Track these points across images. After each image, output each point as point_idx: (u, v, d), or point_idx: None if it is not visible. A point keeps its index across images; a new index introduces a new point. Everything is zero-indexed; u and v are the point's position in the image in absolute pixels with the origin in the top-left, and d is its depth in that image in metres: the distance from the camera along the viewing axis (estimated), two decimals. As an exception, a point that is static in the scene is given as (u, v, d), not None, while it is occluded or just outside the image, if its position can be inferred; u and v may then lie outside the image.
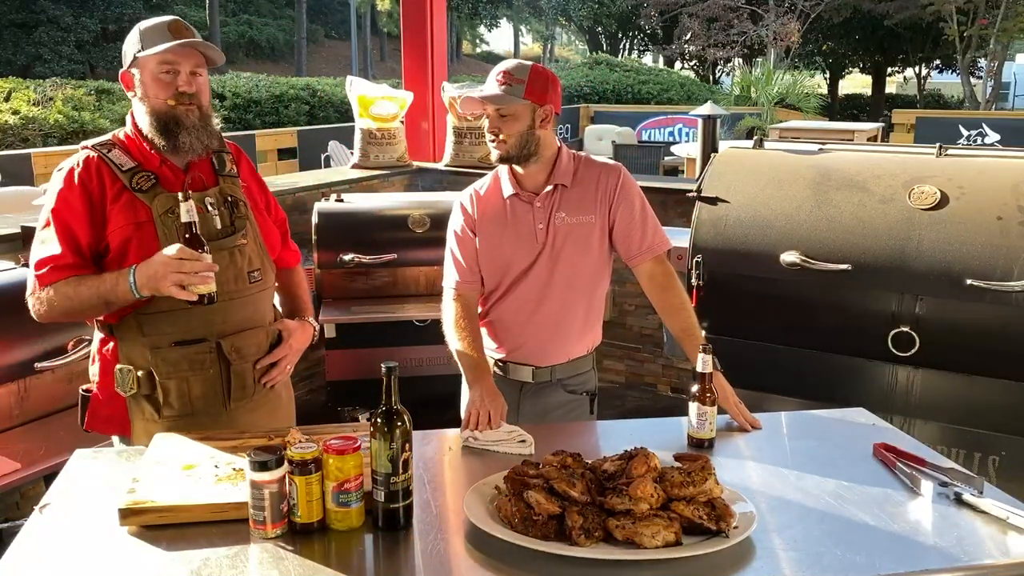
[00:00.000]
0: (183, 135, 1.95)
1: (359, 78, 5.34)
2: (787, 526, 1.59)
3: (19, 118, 9.64)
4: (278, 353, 2.12)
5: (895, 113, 12.81)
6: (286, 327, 2.17)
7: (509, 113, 2.17)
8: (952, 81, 26.47)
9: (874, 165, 3.07)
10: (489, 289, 2.32)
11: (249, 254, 2.06)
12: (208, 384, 2.02)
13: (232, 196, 2.06)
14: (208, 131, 2.01)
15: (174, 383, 1.99)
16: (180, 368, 1.99)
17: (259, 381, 2.10)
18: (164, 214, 1.94)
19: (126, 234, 1.93)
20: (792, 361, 3.06)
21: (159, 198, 1.95)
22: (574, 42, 42.80)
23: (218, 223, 2.01)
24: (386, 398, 1.53)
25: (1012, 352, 2.69)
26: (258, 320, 2.10)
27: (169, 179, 2.00)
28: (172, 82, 1.95)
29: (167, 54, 1.93)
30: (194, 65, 1.97)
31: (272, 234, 2.19)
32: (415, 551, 1.51)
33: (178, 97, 1.95)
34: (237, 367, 2.04)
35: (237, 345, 2.03)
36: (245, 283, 2.05)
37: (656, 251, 2.28)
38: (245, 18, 31.83)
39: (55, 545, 1.51)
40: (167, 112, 1.95)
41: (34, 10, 23.24)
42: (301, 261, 2.39)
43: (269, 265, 2.14)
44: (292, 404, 2.30)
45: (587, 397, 2.39)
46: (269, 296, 2.17)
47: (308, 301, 2.35)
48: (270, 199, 2.25)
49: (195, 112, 1.97)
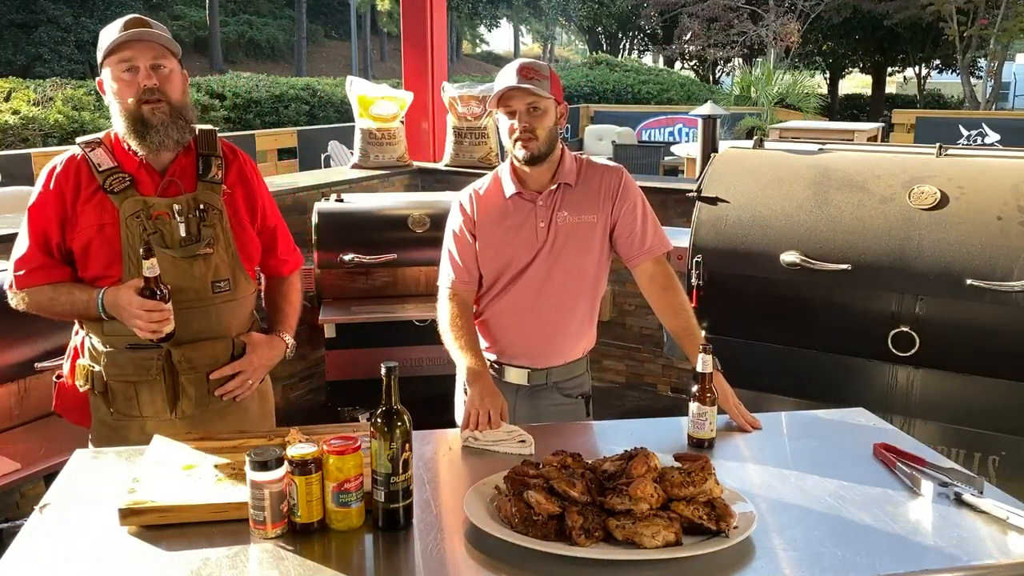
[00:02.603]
0: (151, 134, 1.92)
1: (359, 78, 5.33)
2: (787, 526, 1.59)
3: (19, 118, 9.64)
4: (235, 366, 2.06)
5: (895, 113, 12.80)
6: (252, 340, 2.10)
7: (541, 108, 2.14)
8: (952, 81, 26.48)
9: (874, 165, 3.07)
10: (486, 287, 2.31)
11: (216, 263, 2.01)
12: (155, 391, 2.01)
13: (205, 204, 2.01)
14: (180, 126, 1.95)
15: (121, 386, 2.01)
16: (126, 372, 1.99)
17: (213, 392, 2.05)
18: (130, 217, 1.93)
19: (88, 236, 1.94)
20: (792, 361, 3.06)
21: (128, 201, 1.93)
22: (574, 42, 42.81)
23: (182, 231, 1.97)
24: (386, 398, 1.53)
25: (1012, 352, 2.69)
26: (219, 331, 2.04)
27: (145, 181, 1.98)
28: (133, 80, 1.92)
29: (123, 51, 1.91)
30: (153, 58, 1.92)
31: (251, 245, 2.12)
32: (415, 551, 1.51)
33: (142, 95, 1.91)
34: (186, 376, 2.01)
35: (189, 355, 2.00)
36: (207, 293, 2.01)
37: (656, 252, 2.28)
38: (245, 18, 31.84)
39: (55, 545, 1.51)
40: (134, 112, 1.92)
41: (34, 10, 23.24)
42: (297, 270, 2.31)
43: (243, 276, 2.08)
44: (267, 418, 2.24)
45: (582, 400, 2.39)
46: (239, 307, 2.10)
47: (291, 315, 2.26)
48: (259, 206, 2.16)
49: (163, 108, 1.92)
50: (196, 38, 28.92)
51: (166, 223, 1.96)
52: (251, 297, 2.15)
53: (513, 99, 2.14)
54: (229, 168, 2.11)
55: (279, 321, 2.23)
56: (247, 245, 2.10)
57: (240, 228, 2.09)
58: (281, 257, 2.26)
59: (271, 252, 2.23)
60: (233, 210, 2.08)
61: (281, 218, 2.27)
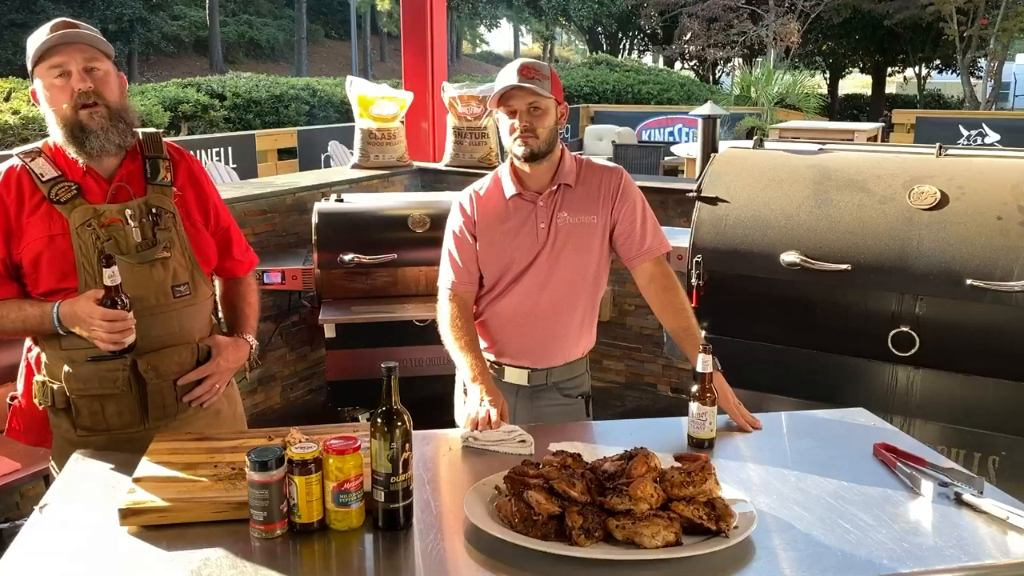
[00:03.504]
0: (91, 140, 1.85)
1: (359, 78, 5.34)
2: (787, 526, 1.59)
3: (19, 118, 9.63)
4: (202, 371, 2.01)
5: (895, 113, 12.81)
6: (216, 344, 2.05)
7: (542, 107, 2.14)
8: (952, 81, 26.47)
9: (874, 165, 3.07)
10: (487, 288, 2.31)
11: (175, 267, 1.96)
12: (122, 403, 1.94)
13: (158, 207, 1.95)
14: (121, 129, 1.89)
15: (85, 401, 1.93)
16: (91, 386, 1.91)
17: (182, 399, 2.01)
18: (81, 226, 1.86)
19: (37, 249, 1.86)
20: (792, 361, 3.06)
21: (77, 210, 1.87)
22: (574, 42, 42.79)
23: (137, 236, 1.91)
24: (386, 398, 1.53)
25: (1012, 352, 2.69)
26: (183, 336, 1.99)
27: (92, 189, 1.91)
28: (66, 85, 1.84)
29: (53, 56, 1.84)
30: (85, 60, 1.85)
31: (207, 247, 2.06)
32: (415, 551, 1.51)
33: (77, 99, 1.84)
34: (154, 386, 1.95)
35: (154, 363, 1.94)
36: (168, 298, 1.95)
37: (656, 253, 2.28)
38: (245, 18, 31.84)
39: (55, 545, 1.51)
40: (71, 119, 1.85)
41: (34, 10, 23.23)
42: (252, 270, 2.25)
43: (201, 279, 2.03)
44: (238, 421, 2.20)
45: (582, 400, 2.39)
46: (200, 311, 2.04)
47: (251, 316, 2.20)
48: (210, 208, 2.11)
49: (101, 112, 1.85)
50: (196, 38, 28.92)
51: (119, 229, 1.89)
52: (210, 300, 2.10)
53: (514, 98, 2.14)
54: (177, 170, 2.04)
55: (240, 323, 2.18)
56: (203, 247, 2.04)
57: (194, 230, 2.03)
58: (236, 258, 2.19)
59: (226, 253, 2.16)
60: (186, 212, 2.02)
61: (232, 218, 2.20)
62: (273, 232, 4.38)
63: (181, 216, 2.00)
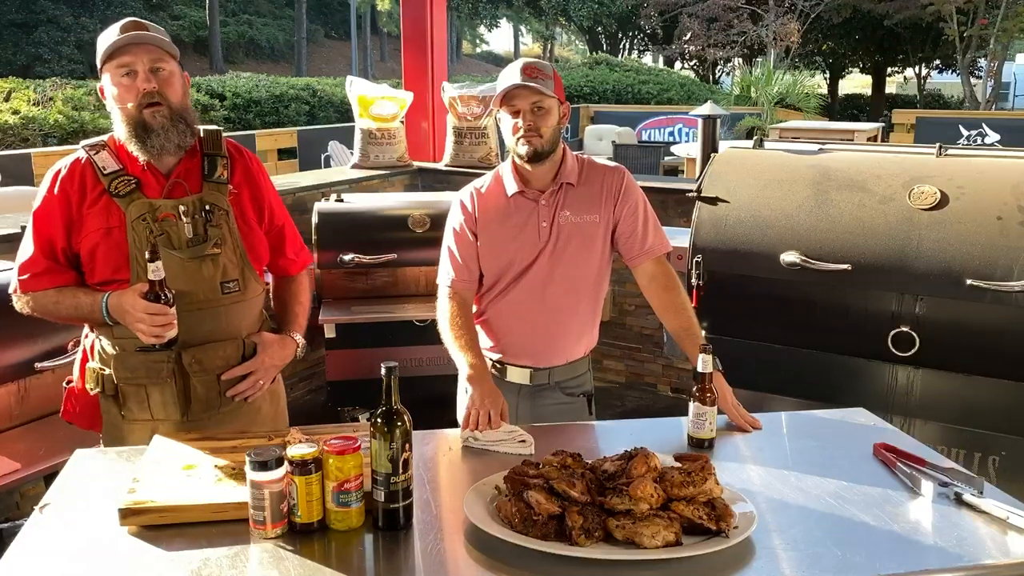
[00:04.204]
0: (152, 139, 1.92)
1: (359, 78, 5.34)
2: (787, 526, 1.59)
3: (19, 118, 9.63)
4: (246, 367, 2.05)
5: (895, 113, 12.80)
6: (262, 340, 2.09)
7: (546, 107, 2.15)
8: (952, 81, 26.48)
9: (874, 165, 3.07)
10: (488, 286, 2.31)
11: (225, 264, 2.00)
12: (167, 393, 2.00)
13: (211, 204, 2.00)
14: (181, 130, 1.95)
15: (132, 389, 2.00)
16: (137, 374, 1.98)
17: (226, 394, 2.05)
18: (136, 220, 1.92)
19: (95, 240, 1.93)
20: (792, 361, 3.06)
21: (134, 204, 1.93)
22: (574, 42, 42.79)
23: (189, 231, 1.97)
24: (386, 398, 1.53)
25: (1012, 352, 2.68)
26: (230, 332, 2.04)
27: (151, 184, 1.97)
28: (132, 84, 1.91)
29: (121, 56, 1.90)
30: (151, 61, 1.91)
31: (259, 245, 2.11)
32: (415, 551, 1.51)
33: (142, 99, 1.90)
34: (198, 379, 2.00)
35: (199, 357, 1.99)
36: (216, 293, 2.00)
37: (657, 252, 2.28)
38: (245, 18, 31.83)
39: (55, 545, 1.51)
40: (134, 118, 1.91)
41: (34, 10, 23.26)
42: (306, 269, 2.30)
43: (252, 276, 2.07)
44: (280, 418, 2.23)
45: (584, 399, 2.38)
46: (249, 308, 2.09)
47: (301, 314, 2.25)
48: (266, 204, 2.15)
49: (163, 112, 1.92)
50: (196, 38, 28.90)
51: (172, 224, 1.96)
52: (260, 297, 2.14)
53: (517, 98, 2.14)
54: (235, 168, 2.10)
55: (289, 321, 2.23)
56: (255, 245, 2.09)
57: (247, 228, 2.08)
58: (289, 256, 2.25)
59: (279, 252, 2.22)
60: (240, 210, 2.07)
61: (289, 217, 2.26)
62: (273, 232, 4.37)
63: (235, 213, 2.05)
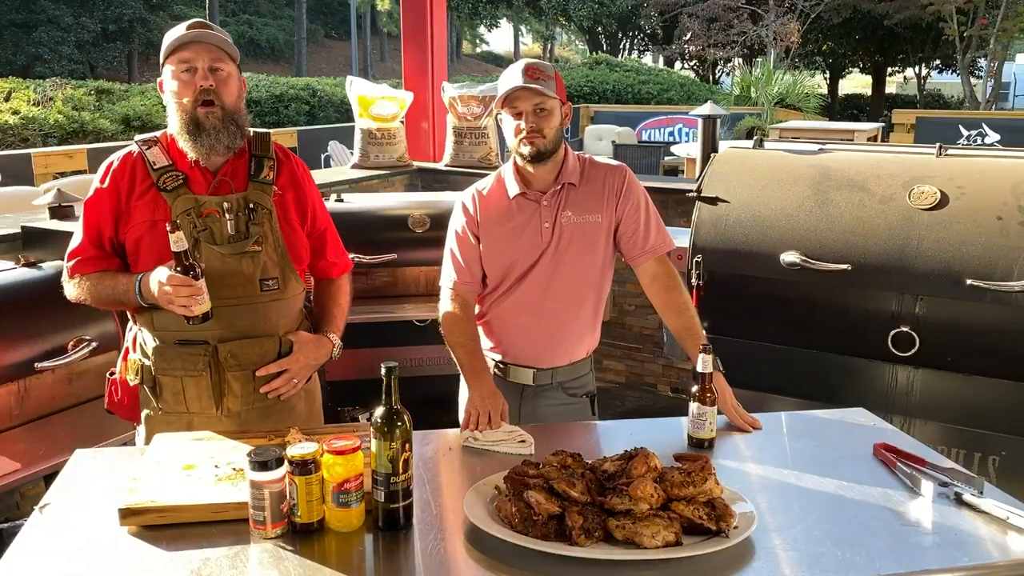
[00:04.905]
0: (203, 138, 1.97)
1: (359, 78, 5.33)
2: (787, 526, 1.59)
3: (19, 118, 9.63)
4: (282, 363, 2.07)
5: (895, 113, 12.80)
6: (299, 339, 2.12)
7: (548, 108, 2.15)
8: (952, 81, 26.47)
9: (874, 165, 3.07)
10: (491, 288, 2.31)
11: (265, 261, 2.04)
12: (202, 387, 2.03)
13: (255, 203, 2.04)
14: (231, 132, 2.00)
15: (168, 380, 2.04)
16: (174, 366, 2.02)
17: (259, 390, 2.07)
18: (182, 214, 1.97)
19: (139, 233, 1.99)
20: (792, 361, 3.06)
21: (180, 199, 1.99)
22: (574, 42, 42.78)
23: (230, 228, 2.01)
24: (386, 398, 1.53)
25: (1012, 352, 2.68)
26: (267, 329, 2.07)
27: (198, 180, 2.03)
28: (191, 80, 1.97)
29: (184, 51, 1.97)
30: (211, 60, 1.97)
31: (300, 245, 2.14)
32: (415, 551, 1.51)
33: (198, 95, 1.96)
34: (233, 373, 2.03)
35: (235, 351, 2.02)
36: (255, 290, 2.03)
37: (659, 251, 2.28)
38: (245, 18, 31.82)
39: (55, 545, 1.51)
40: (189, 114, 1.97)
41: (34, 10, 23.24)
42: (347, 273, 2.34)
43: (292, 275, 2.10)
44: (315, 417, 2.26)
45: (587, 399, 2.38)
46: (287, 306, 2.11)
47: (339, 316, 2.28)
48: (309, 208, 2.19)
49: (216, 113, 1.97)
50: (196, 38, 28.86)
51: (215, 220, 2.00)
52: (300, 297, 2.17)
53: (519, 100, 2.14)
54: (281, 170, 2.14)
55: (326, 322, 2.25)
56: (296, 245, 2.13)
57: (290, 228, 2.11)
58: (330, 259, 2.28)
59: (320, 254, 2.25)
60: (283, 211, 2.11)
61: (331, 222, 2.29)
62: (273, 232, 4.37)
63: (278, 214, 2.08)
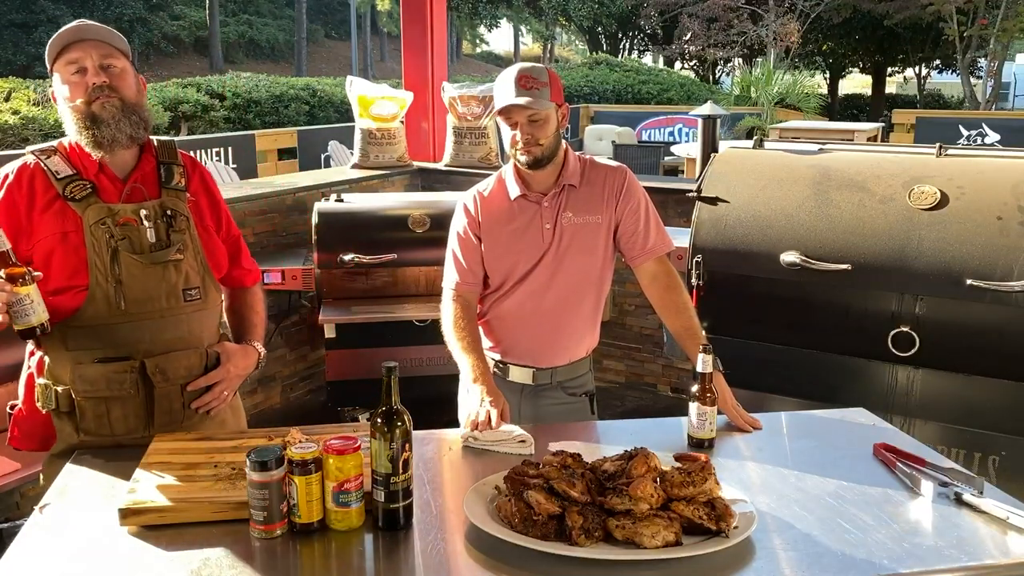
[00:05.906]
0: (102, 129, 1.86)
1: (359, 78, 5.33)
2: (787, 526, 1.59)
3: (19, 118, 9.62)
4: (211, 377, 1.99)
5: (895, 113, 12.82)
6: (225, 350, 2.04)
7: (542, 117, 2.14)
8: (952, 81, 26.48)
9: (874, 165, 3.07)
10: (492, 288, 2.31)
11: (187, 271, 1.96)
12: (128, 407, 1.92)
13: (172, 210, 1.96)
14: (133, 121, 1.89)
15: (91, 404, 1.90)
16: (98, 388, 1.88)
17: (190, 406, 1.98)
18: (95, 224, 1.87)
19: (50, 245, 1.86)
20: (792, 361, 3.06)
21: (91, 208, 1.87)
22: (574, 42, 42.79)
23: (151, 236, 1.91)
24: (386, 398, 1.53)
25: (1012, 352, 2.69)
26: (192, 341, 1.97)
27: (107, 189, 1.92)
28: (82, 81, 1.87)
29: (70, 52, 1.87)
30: (101, 57, 1.87)
31: (218, 252, 2.07)
32: (415, 551, 1.51)
33: (91, 93, 1.86)
34: (162, 390, 1.93)
35: (163, 366, 1.92)
36: (179, 301, 1.94)
37: (659, 251, 2.28)
38: (245, 18, 31.84)
39: (55, 545, 1.51)
40: (83, 110, 1.86)
41: (34, 10, 23.27)
42: (259, 283, 2.27)
43: (212, 284, 2.03)
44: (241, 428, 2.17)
45: (587, 399, 2.39)
46: (209, 316, 2.04)
47: (259, 324, 2.21)
48: (222, 216, 2.13)
49: (114, 102, 1.87)
50: (196, 38, 28.92)
51: (133, 229, 1.90)
52: (219, 307, 2.10)
53: (513, 111, 2.14)
54: (191, 177, 2.06)
55: (247, 331, 2.18)
56: (214, 252, 2.05)
57: (207, 235, 2.04)
58: (245, 267, 2.21)
59: (235, 262, 2.17)
60: (199, 217, 2.03)
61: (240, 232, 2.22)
62: (273, 232, 4.38)
63: (195, 221, 2.01)
